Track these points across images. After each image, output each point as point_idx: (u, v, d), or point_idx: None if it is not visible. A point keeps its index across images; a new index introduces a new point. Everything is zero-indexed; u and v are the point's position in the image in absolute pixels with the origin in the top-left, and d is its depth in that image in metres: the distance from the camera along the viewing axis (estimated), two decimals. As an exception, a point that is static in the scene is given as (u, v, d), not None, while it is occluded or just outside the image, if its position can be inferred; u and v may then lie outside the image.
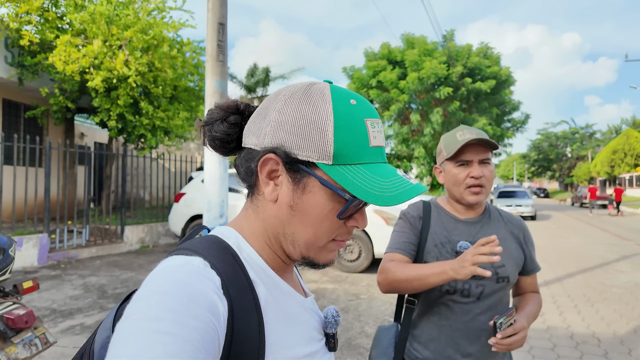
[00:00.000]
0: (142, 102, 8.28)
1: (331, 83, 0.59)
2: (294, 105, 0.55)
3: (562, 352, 3.44)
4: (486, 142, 1.26)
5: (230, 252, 0.55)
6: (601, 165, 36.93)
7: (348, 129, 0.54)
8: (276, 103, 0.57)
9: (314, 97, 0.55)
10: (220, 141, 0.61)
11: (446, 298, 1.26)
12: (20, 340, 1.89)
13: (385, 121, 19.45)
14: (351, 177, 0.53)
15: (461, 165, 1.28)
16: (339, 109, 0.54)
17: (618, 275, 6.35)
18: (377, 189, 0.52)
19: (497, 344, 1.12)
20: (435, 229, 1.33)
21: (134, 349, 0.39)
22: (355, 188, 0.52)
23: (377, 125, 0.57)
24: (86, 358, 0.55)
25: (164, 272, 0.48)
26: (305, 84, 0.58)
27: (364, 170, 0.54)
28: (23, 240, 6.25)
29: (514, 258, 1.30)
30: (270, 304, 0.54)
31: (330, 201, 0.55)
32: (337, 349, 0.64)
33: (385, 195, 0.52)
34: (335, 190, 0.54)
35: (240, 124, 0.61)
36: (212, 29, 4.90)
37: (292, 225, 0.57)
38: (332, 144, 0.53)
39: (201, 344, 0.42)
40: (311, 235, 0.57)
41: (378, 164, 0.56)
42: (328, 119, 0.53)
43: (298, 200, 0.56)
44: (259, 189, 0.59)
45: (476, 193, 1.27)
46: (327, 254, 0.60)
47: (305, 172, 0.55)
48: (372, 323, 4.05)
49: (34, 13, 7.73)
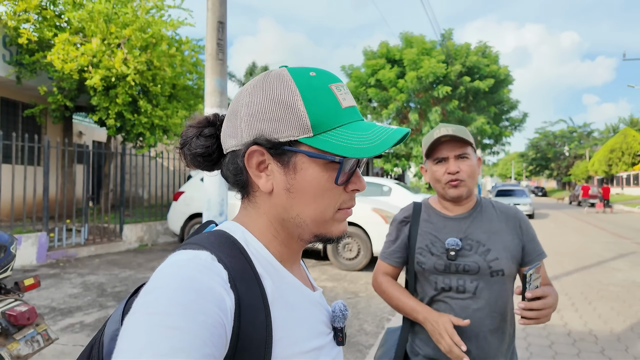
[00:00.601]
0: (141, 101, 8.26)
1: (287, 67, 0.61)
2: (259, 94, 0.57)
3: (560, 349, 3.47)
4: (459, 138, 1.26)
5: (237, 247, 0.55)
6: (599, 164, 37.03)
7: (317, 98, 0.55)
8: (242, 100, 0.58)
9: (275, 81, 0.57)
10: (202, 156, 0.62)
11: (443, 295, 1.28)
12: (22, 337, 1.90)
13: (384, 120, 19.47)
14: (335, 140, 0.54)
15: (439, 162, 1.30)
16: (302, 83, 0.56)
17: (615, 274, 6.38)
18: (363, 142, 0.54)
19: (525, 311, 1.06)
20: (424, 229, 1.35)
21: (141, 343, 0.39)
22: (342, 148, 0.54)
23: (342, 88, 0.59)
24: (96, 350, 0.56)
25: (172, 266, 0.48)
26: (263, 74, 0.59)
27: (344, 131, 0.56)
28: (22, 238, 6.24)
29: (509, 250, 1.28)
30: (278, 297, 0.54)
31: (324, 171, 0.56)
32: (345, 343, 0.64)
33: (373, 146, 0.54)
34: (325, 157, 0.55)
35: (215, 134, 0.63)
36: (211, 28, 4.90)
37: (295, 208, 0.57)
38: (307, 117, 0.55)
39: (208, 338, 0.42)
40: (316, 211, 0.57)
41: (356, 122, 0.58)
42: (295, 94, 0.55)
43: (293, 181, 0.56)
44: (253, 186, 0.60)
45: (455, 186, 1.28)
46: (338, 226, 0.60)
47: (292, 152, 0.56)
48: (371, 321, 4.07)
49: (32, 11, 7.71)
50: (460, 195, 1.29)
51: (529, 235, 1.33)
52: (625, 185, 35.58)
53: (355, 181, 0.60)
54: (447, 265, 1.27)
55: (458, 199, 1.31)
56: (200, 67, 9.90)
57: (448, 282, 1.27)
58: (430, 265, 1.29)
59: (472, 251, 1.26)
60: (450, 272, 1.27)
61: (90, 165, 9.01)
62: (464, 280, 1.26)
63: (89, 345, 0.59)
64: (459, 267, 1.26)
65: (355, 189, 0.60)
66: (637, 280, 5.97)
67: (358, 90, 18.91)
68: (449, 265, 1.27)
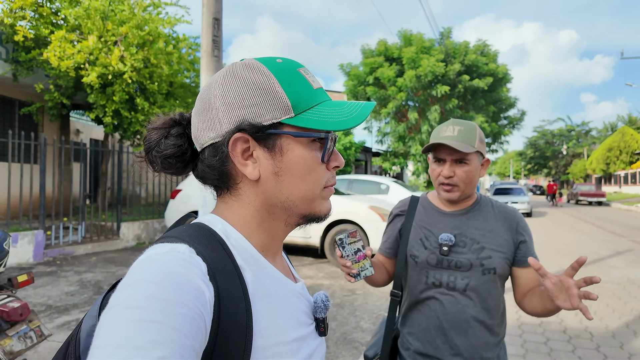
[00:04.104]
0: (138, 99, 8.24)
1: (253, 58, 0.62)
2: (234, 82, 0.56)
3: (555, 345, 3.48)
4: (457, 147, 1.21)
5: (216, 239, 0.54)
6: (597, 163, 37.12)
7: (290, 80, 0.57)
8: (214, 92, 0.57)
9: (247, 69, 0.57)
10: (174, 157, 0.60)
11: (433, 291, 1.27)
12: (15, 333, 1.89)
13: (382, 118, 19.46)
14: (316, 117, 0.56)
15: (437, 161, 1.30)
16: (273, 68, 0.57)
17: (611, 271, 6.40)
18: (342, 116, 0.57)
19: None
20: (419, 223, 1.35)
21: (119, 337, 0.38)
22: (325, 124, 0.56)
23: (308, 72, 0.61)
24: (72, 346, 0.55)
25: (149, 260, 0.47)
26: (229, 66, 0.60)
27: (321, 109, 0.58)
28: (18, 236, 6.22)
29: (503, 249, 1.27)
30: (258, 289, 0.54)
31: (309, 150, 0.57)
32: (327, 333, 0.64)
33: (352, 118, 0.56)
34: (310, 135, 0.56)
35: (184, 132, 0.62)
36: (207, 25, 4.88)
37: (284, 190, 0.58)
38: (287, 97, 0.56)
39: (188, 330, 0.42)
40: (306, 191, 0.58)
41: (328, 101, 0.60)
42: (270, 78, 0.56)
43: (280, 164, 0.57)
44: (236, 178, 0.59)
45: (447, 190, 1.28)
46: (325, 204, 0.62)
47: (276, 135, 0.56)
48: (368, 318, 4.07)
49: (28, 8, 7.68)
50: (451, 199, 1.30)
51: (525, 236, 1.30)
52: (623, 184, 35.65)
53: (335, 158, 0.61)
54: (439, 260, 1.27)
55: (449, 201, 1.32)
56: (197, 64, 9.87)
57: (439, 277, 1.27)
58: (423, 259, 1.29)
59: (466, 248, 1.26)
60: (442, 267, 1.27)
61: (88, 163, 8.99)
62: (455, 276, 1.26)
63: (66, 342, 0.58)
64: (451, 263, 1.26)
65: (336, 165, 0.61)
66: (633, 277, 5.99)
67: (357, 89, 18.88)
68: (442, 260, 1.27)
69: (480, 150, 1.26)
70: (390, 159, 19.90)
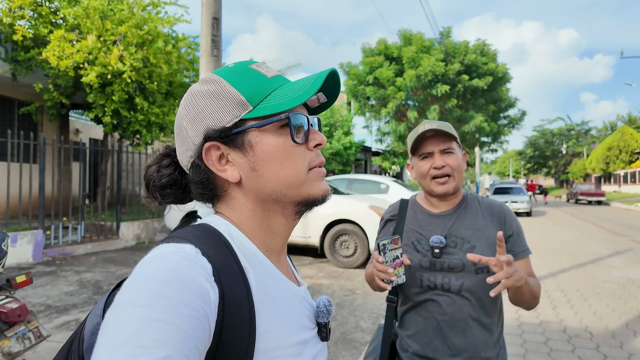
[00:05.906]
0: (137, 98, 8.23)
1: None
2: (192, 99, 0.60)
3: (555, 345, 3.47)
4: (443, 132, 1.26)
5: (221, 240, 0.55)
6: (596, 162, 37.14)
7: (241, 77, 0.59)
8: (180, 114, 0.61)
9: (199, 85, 0.60)
10: (170, 187, 0.63)
11: (429, 293, 1.27)
12: (13, 334, 1.89)
13: (382, 118, 19.45)
14: (273, 102, 0.57)
15: (424, 158, 1.30)
16: (224, 72, 0.60)
17: (611, 271, 6.40)
18: (298, 92, 0.57)
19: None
20: (410, 227, 1.35)
21: (124, 336, 0.38)
22: (282, 104, 0.56)
23: (263, 65, 0.62)
24: (76, 344, 0.55)
25: (155, 259, 0.47)
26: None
27: (278, 92, 0.58)
28: (18, 236, 6.22)
29: (494, 246, 1.25)
30: (262, 291, 0.54)
31: (278, 136, 0.58)
32: (329, 338, 0.64)
33: (306, 90, 0.56)
34: (272, 120, 0.57)
35: (173, 162, 0.64)
36: (206, 24, 4.88)
37: (267, 183, 0.58)
38: (240, 93, 0.57)
39: (193, 331, 0.42)
40: (287, 176, 0.58)
41: (285, 84, 0.60)
42: (221, 82, 0.58)
43: (254, 158, 0.58)
44: (223, 185, 0.61)
45: (442, 183, 1.28)
46: (317, 185, 0.61)
47: (242, 132, 0.58)
48: (367, 318, 4.07)
49: (27, 8, 7.66)
50: (447, 192, 1.28)
51: (513, 229, 1.30)
52: (622, 183, 35.66)
53: (314, 137, 0.61)
54: (432, 263, 1.27)
55: (445, 195, 1.30)
56: (197, 64, 9.85)
57: (433, 279, 1.26)
58: (416, 263, 1.29)
59: (457, 248, 1.26)
60: (435, 269, 1.26)
61: (87, 163, 8.99)
62: (449, 278, 1.25)
63: (69, 340, 0.58)
64: (443, 265, 1.25)
65: (317, 143, 0.61)
66: (633, 277, 5.99)
67: (356, 88, 18.88)
68: (434, 263, 1.26)
69: (458, 141, 1.32)
70: (390, 158, 19.91)
